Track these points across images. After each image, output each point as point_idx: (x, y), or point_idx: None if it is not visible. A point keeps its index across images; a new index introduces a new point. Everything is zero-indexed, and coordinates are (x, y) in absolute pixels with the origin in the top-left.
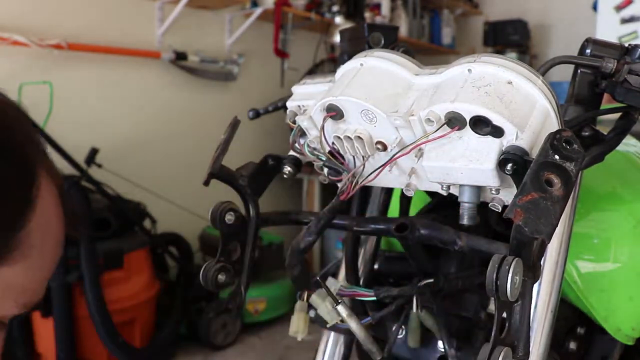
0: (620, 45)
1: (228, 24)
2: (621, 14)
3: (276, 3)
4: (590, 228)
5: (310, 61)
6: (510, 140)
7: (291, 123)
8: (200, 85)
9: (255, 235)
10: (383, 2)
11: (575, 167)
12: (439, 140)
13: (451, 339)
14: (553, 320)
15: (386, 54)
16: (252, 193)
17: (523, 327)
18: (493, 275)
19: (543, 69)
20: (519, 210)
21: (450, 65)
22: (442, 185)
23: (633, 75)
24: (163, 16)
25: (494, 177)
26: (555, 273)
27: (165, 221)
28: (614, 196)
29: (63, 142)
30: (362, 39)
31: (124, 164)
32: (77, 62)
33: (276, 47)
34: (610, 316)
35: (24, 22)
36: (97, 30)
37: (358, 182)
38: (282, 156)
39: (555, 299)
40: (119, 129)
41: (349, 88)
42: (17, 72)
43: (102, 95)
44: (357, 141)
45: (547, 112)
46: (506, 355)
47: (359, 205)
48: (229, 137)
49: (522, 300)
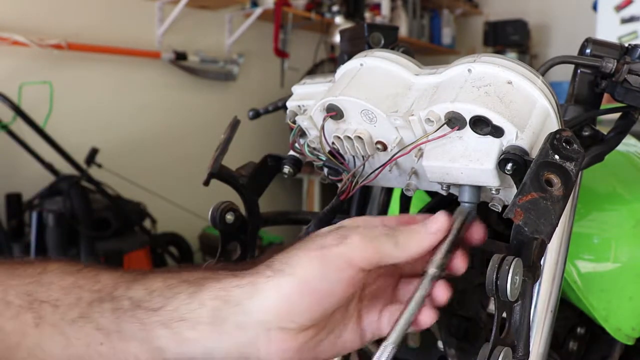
0: (620, 45)
1: (228, 24)
2: (621, 14)
3: (276, 3)
4: (590, 228)
5: (310, 61)
6: (510, 140)
7: (291, 123)
8: (200, 85)
9: (255, 235)
10: (383, 2)
11: (575, 167)
12: (438, 140)
13: (451, 339)
14: (553, 320)
15: (386, 54)
16: (252, 193)
17: (523, 327)
18: (493, 275)
19: (543, 69)
20: (519, 210)
21: (450, 65)
22: (442, 185)
23: (633, 75)
24: (163, 16)
25: (494, 177)
26: (555, 273)
27: (165, 221)
28: (614, 196)
29: (63, 142)
30: (362, 39)
31: (124, 164)
32: (77, 62)
33: (276, 47)
34: (610, 316)
35: (24, 22)
36: (97, 30)
37: (358, 182)
38: (282, 156)
39: (555, 299)
40: (119, 129)
41: (349, 88)
42: (17, 72)
43: (102, 95)
44: (357, 141)
45: (547, 112)
46: (506, 355)
47: (359, 205)
48: (229, 137)
49: (522, 300)
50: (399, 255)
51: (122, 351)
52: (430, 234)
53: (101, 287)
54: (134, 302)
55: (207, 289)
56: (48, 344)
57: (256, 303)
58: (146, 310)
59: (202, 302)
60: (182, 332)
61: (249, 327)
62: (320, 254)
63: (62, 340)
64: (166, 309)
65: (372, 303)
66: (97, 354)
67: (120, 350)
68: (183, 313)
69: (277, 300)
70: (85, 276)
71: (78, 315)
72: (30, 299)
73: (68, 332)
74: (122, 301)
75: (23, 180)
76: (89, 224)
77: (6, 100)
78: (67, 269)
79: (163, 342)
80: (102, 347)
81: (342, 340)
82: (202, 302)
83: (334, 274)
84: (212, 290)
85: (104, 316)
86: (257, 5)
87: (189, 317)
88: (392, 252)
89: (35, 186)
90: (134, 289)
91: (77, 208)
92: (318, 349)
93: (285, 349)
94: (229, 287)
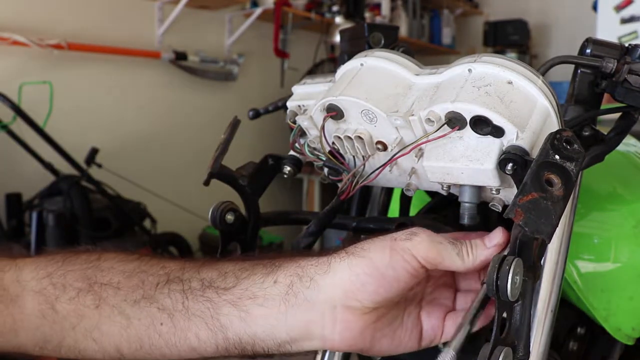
0: (620, 45)
1: (228, 24)
2: (621, 14)
3: (276, 3)
4: (590, 228)
5: (310, 61)
6: (510, 140)
7: (291, 123)
8: (200, 85)
9: (255, 235)
10: (383, 2)
11: (575, 167)
12: (439, 140)
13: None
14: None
15: (386, 54)
16: (252, 193)
17: (523, 327)
18: (493, 275)
19: (543, 69)
20: (519, 210)
21: (451, 65)
22: (442, 185)
23: (633, 75)
24: (163, 16)
25: (494, 177)
26: (555, 273)
27: (165, 221)
28: (614, 196)
29: (63, 142)
30: (362, 39)
31: (124, 164)
32: (77, 62)
33: (276, 47)
34: (611, 316)
35: (24, 22)
36: (97, 30)
37: (358, 182)
38: (282, 156)
39: (555, 299)
40: (119, 128)
41: (349, 88)
42: (17, 72)
43: (102, 95)
44: (357, 141)
45: (547, 112)
46: (506, 355)
47: (359, 205)
48: (229, 137)
49: (522, 300)
50: (459, 263)
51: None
52: (489, 248)
53: (168, 271)
54: (205, 282)
55: (284, 268)
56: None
57: (328, 279)
58: (217, 289)
59: (276, 280)
60: (250, 309)
61: (318, 303)
62: (391, 244)
63: (122, 321)
64: (239, 287)
65: (432, 309)
66: (157, 333)
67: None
68: (255, 291)
69: (348, 277)
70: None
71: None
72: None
73: (129, 312)
74: (192, 282)
75: (23, 180)
76: (89, 224)
77: (6, 100)
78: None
79: (228, 320)
80: (162, 327)
81: (399, 336)
82: (277, 279)
83: (400, 263)
84: (289, 269)
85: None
86: (257, 5)
87: (260, 294)
88: (453, 259)
89: (35, 186)
90: (205, 271)
91: (77, 208)
92: (376, 337)
93: (348, 327)
94: (306, 265)
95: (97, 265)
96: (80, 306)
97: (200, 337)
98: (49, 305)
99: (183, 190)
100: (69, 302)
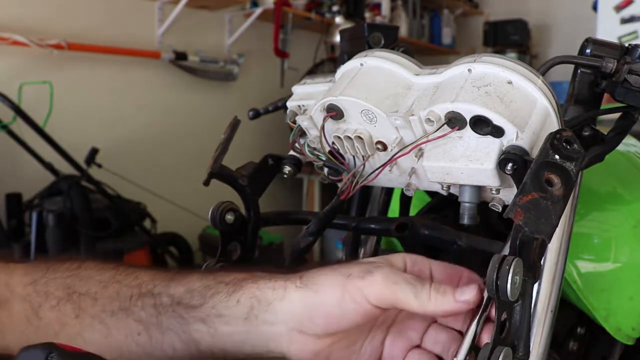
0: (620, 45)
1: (228, 24)
2: (621, 14)
3: (276, 3)
4: (590, 228)
5: (310, 61)
6: (510, 140)
7: (291, 123)
8: (200, 85)
9: (255, 235)
10: (383, 2)
11: (575, 167)
12: (439, 140)
13: None
14: (553, 320)
15: (386, 54)
16: (252, 193)
17: (523, 327)
18: (493, 275)
19: (543, 69)
20: (519, 210)
21: (451, 65)
22: (442, 185)
23: (633, 75)
24: (163, 16)
25: (494, 177)
26: (555, 273)
27: (165, 221)
28: (614, 196)
29: (63, 142)
30: (362, 39)
31: (124, 164)
32: (77, 62)
33: (276, 47)
34: (611, 316)
35: (24, 22)
36: (97, 30)
37: (358, 182)
38: (282, 156)
39: (555, 299)
40: (119, 128)
41: (349, 88)
42: (17, 72)
43: (102, 95)
44: (357, 141)
45: (547, 112)
46: (506, 355)
47: (359, 205)
48: (229, 137)
49: (522, 300)
50: (415, 306)
51: (158, 341)
52: (457, 303)
53: (140, 283)
54: (175, 299)
55: (245, 289)
56: (89, 332)
57: (284, 305)
58: (186, 306)
59: (238, 300)
60: (218, 326)
61: (276, 324)
62: (343, 281)
63: (103, 330)
64: (205, 306)
65: (398, 338)
66: (135, 343)
67: (157, 341)
68: (221, 309)
69: (299, 309)
70: (122, 272)
71: (118, 307)
72: (70, 291)
73: (109, 322)
74: (162, 297)
75: (23, 180)
76: (89, 224)
77: (6, 100)
78: (104, 265)
79: (199, 335)
80: (140, 337)
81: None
82: (239, 300)
83: (349, 304)
84: (249, 290)
85: (144, 310)
86: (257, 5)
87: (226, 313)
88: (409, 301)
89: (35, 186)
90: (173, 287)
91: (77, 208)
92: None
93: (303, 349)
94: (265, 288)
95: (77, 274)
96: (61, 315)
97: (176, 348)
98: (34, 312)
99: (183, 190)
100: (50, 310)
